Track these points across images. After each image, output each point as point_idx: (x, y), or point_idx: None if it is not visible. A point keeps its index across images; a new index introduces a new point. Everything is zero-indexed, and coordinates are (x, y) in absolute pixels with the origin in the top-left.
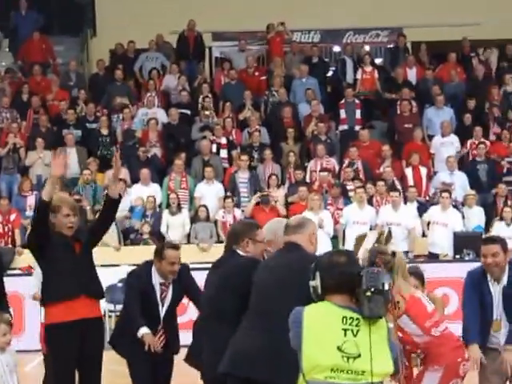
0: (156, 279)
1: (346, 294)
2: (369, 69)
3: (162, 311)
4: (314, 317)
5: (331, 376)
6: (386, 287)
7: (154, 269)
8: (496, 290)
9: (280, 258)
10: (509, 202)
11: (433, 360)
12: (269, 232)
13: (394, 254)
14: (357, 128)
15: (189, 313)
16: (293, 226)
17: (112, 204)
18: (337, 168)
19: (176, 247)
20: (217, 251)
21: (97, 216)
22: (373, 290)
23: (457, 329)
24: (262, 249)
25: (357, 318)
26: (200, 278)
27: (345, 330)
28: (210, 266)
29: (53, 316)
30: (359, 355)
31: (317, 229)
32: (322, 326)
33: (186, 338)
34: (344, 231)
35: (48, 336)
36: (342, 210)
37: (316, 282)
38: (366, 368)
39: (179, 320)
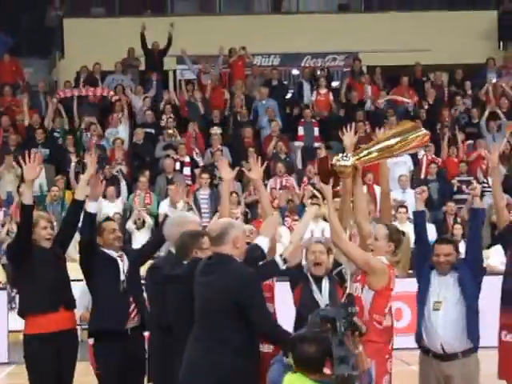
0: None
1: (319, 372)
2: (323, 91)
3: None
4: None
5: None
6: (355, 373)
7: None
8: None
9: (209, 274)
10: (458, 220)
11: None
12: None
13: (403, 233)
14: (315, 145)
15: None
16: (214, 238)
17: (75, 206)
18: (295, 186)
19: (110, 219)
20: None
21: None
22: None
23: (409, 341)
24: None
25: None
26: None
27: None
28: None
29: (33, 327)
30: None
31: (242, 229)
32: None
33: None
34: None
35: (27, 348)
36: (297, 220)
37: (290, 361)
38: None
39: None
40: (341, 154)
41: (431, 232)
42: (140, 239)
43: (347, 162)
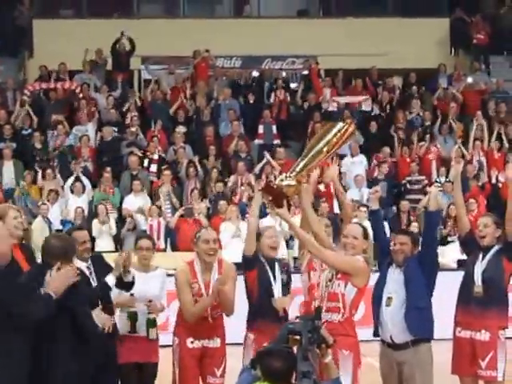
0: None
1: (286, 383)
2: (281, 93)
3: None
4: None
5: None
6: None
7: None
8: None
9: None
10: (411, 218)
11: (342, 344)
12: None
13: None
14: (274, 142)
15: None
16: None
17: None
18: (253, 183)
19: (81, 228)
20: None
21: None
22: None
23: (363, 334)
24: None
25: None
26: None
27: None
28: None
29: None
30: None
31: None
32: None
33: None
34: None
35: None
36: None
37: (258, 373)
38: None
39: None
40: (282, 175)
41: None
42: (104, 234)
43: (291, 181)
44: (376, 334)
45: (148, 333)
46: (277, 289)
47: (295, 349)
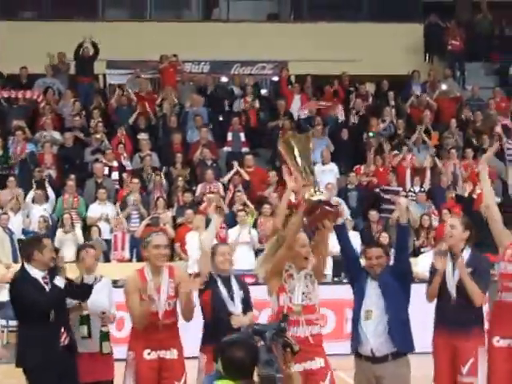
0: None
1: (247, 378)
2: (250, 99)
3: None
4: None
5: None
6: None
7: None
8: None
9: None
10: (379, 227)
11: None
12: None
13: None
14: (243, 150)
15: None
16: None
17: None
18: (222, 192)
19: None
20: (105, 269)
21: None
22: None
23: (334, 347)
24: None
25: None
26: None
27: None
28: None
29: None
30: None
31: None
32: None
33: None
34: None
35: None
36: (224, 228)
37: (219, 366)
38: None
39: None
40: (310, 191)
41: (355, 240)
42: (69, 243)
43: (322, 196)
44: (353, 347)
45: (101, 347)
46: (235, 306)
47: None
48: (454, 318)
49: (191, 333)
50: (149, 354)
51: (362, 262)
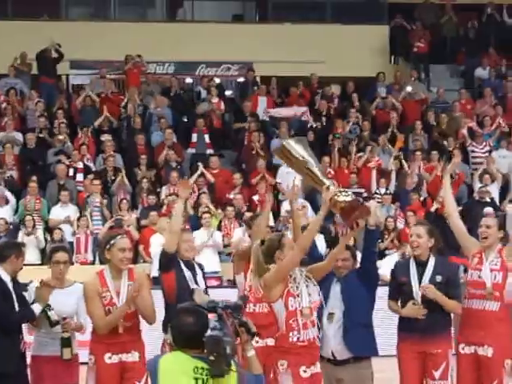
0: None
1: (197, 348)
2: (215, 100)
3: None
4: (168, 366)
5: None
6: (228, 351)
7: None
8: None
9: None
10: (345, 230)
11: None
12: None
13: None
14: (207, 152)
15: None
16: None
17: None
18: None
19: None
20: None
21: None
22: (215, 354)
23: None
24: None
25: (207, 368)
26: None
27: (196, 379)
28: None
29: None
30: None
31: None
32: (175, 375)
33: None
34: None
35: None
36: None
37: (169, 336)
38: None
39: None
40: (335, 190)
41: (320, 242)
42: (31, 245)
43: (347, 197)
44: None
45: (62, 353)
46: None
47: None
48: (422, 323)
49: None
50: (110, 357)
51: None
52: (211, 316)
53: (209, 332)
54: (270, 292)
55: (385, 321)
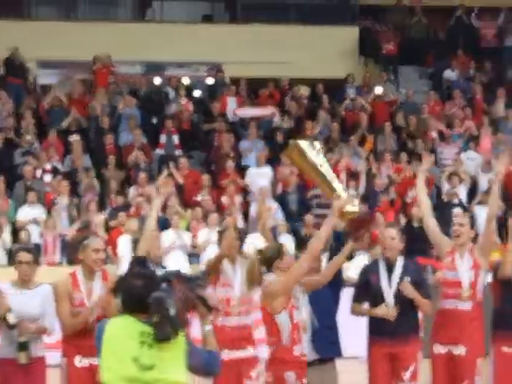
0: None
1: (145, 312)
2: (184, 101)
3: None
4: (114, 329)
5: None
6: (172, 313)
7: None
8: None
9: None
10: (313, 231)
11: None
12: None
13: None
14: (176, 152)
15: None
16: None
17: None
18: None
19: None
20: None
21: None
22: (158, 315)
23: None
24: None
25: (153, 333)
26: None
27: (141, 343)
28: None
29: None
30: (153, 366)
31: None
32: (120, 339)
33: None
34: None
35: None
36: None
37: (118, 300)
38: (160, 378)
39: None
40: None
41: (289, 243)
42: None
43: (355, 208)
44: None
45: (18, 357)
46: None
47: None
48: (391, 325)
49: None
50: (80, 361)
51: None
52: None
53: (155, 293)
54: (273, 302)
55: (351, 322)
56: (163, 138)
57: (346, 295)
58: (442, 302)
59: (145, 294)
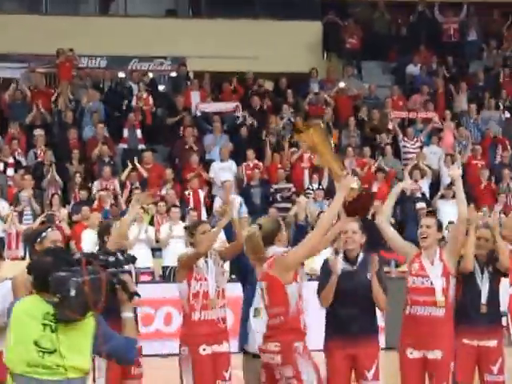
0: None
1: (49, 291)
2: (144, 95)
3: None
4: (19, 310)
5: (28, 371)
6: (72, 293)
7: None
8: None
9: None
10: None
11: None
12: None
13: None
14: (139, 146)
15: None
16: None
17: None
18: (118, 189)
19: None
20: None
21: None
22: (59, 296)
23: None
24: None
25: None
26: None
27: (44, 325)
28: None
29: None
30: (55, 350)
31: None
32: (23, 321)
33: None
34: None
35: None
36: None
37: (29, 278)
38: (61, 363)
39: None
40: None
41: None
42: None
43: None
44: (244, 344)
45: None
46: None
47: None
48: (351, 324)
49: None
50: None
51: None
52: None
53: (55, 273)
54: (287, 273)
55: (316, 315)
56: (126, 133)
57: (311, 288)
58: (411, 309)
59: (52, 272)
